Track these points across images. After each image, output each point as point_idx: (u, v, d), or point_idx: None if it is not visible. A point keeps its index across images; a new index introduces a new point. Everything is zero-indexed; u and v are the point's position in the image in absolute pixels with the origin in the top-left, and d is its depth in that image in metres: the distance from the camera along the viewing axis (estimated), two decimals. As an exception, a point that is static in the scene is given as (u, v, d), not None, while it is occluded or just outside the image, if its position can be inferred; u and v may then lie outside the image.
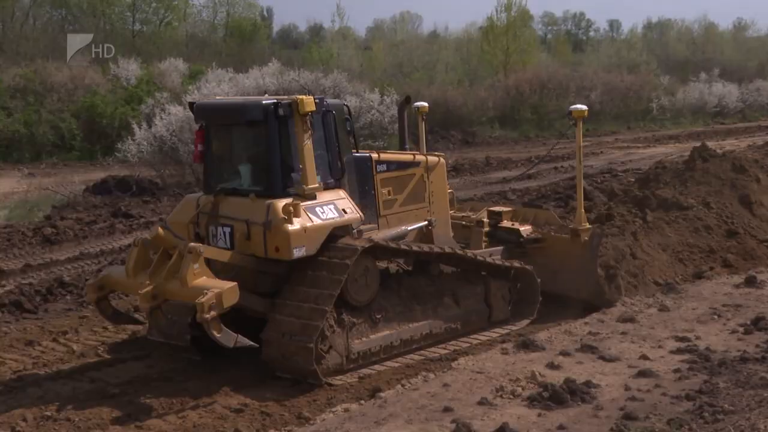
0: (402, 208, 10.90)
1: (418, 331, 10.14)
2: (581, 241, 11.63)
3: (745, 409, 7.32)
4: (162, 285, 8.87)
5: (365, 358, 9.58)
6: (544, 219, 12.76)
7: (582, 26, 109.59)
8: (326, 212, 9.49)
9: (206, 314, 8.34)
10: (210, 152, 10.14)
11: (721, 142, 32.11)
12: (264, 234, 9.16)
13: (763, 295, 11.64)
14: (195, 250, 8.78)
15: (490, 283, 10.96)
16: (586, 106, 12.14)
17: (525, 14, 49.68)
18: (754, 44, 71.34)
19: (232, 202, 9.65)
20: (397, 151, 11.81)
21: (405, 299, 10.13)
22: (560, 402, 8.03)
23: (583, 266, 11.53)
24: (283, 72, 27.31)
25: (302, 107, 9.31)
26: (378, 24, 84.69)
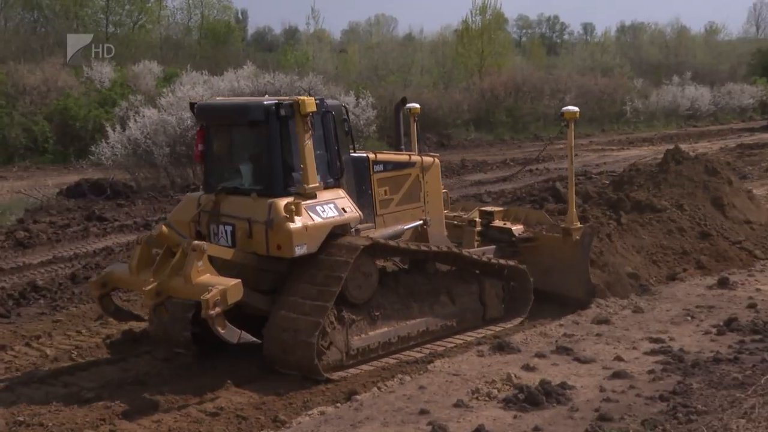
0: (398, 208, 11.13)
1: (415, 328, 10.32)
2: (573, 240, 11.82)
3: (718, 409, 7.39)
4: (166, 282, 8.97)
5: (364, 355, 9.74)
6: (536, 218, 13.00)
7: (556, 29, 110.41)
8: (326, 211, 9.69)
9: (211, 310, 8.47)
10: (211, 152, 10.32)
11: (693, 144, 32.43)
12: (266, 232, 9.33)
13: (736, 297, 11.75)
14: (199, 248, 8.94)
15: (484, 281, 11.14)
16: (577, 108, 12.34)
17: (499, 17, 49.91)
18: (725, 48, 72.10)
19: (233, 200, 9.82)
20: (393, 152, 11.99)
21: (402, 297, 10.30)
22: (535, 404, 8.05)
23: (574, 265, 11.72)
24: (258, 75, 27.24)
25: (303, 108, 9.50)
26: (353, 27, 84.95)
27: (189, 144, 23.28)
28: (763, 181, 23.71)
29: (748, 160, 27.78)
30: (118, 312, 10.17)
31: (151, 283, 8.92)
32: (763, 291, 11.99)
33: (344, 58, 53.39)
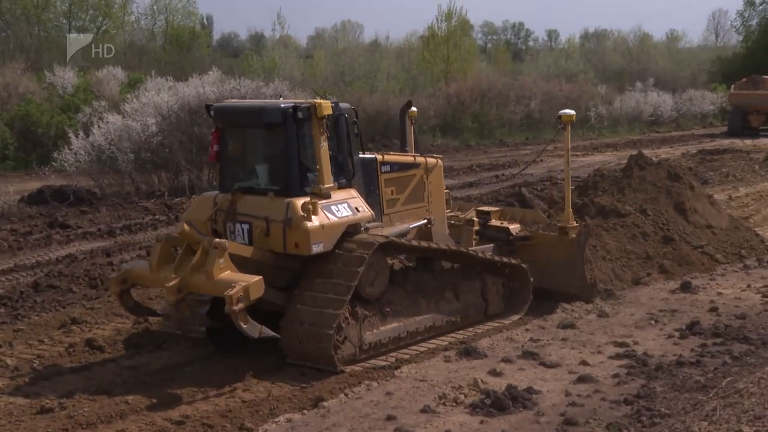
0: (404, 207, 11.54)
1: (423, 323, 10.71)
2: (569, 239, 12.24)
3: (681, 412, 7.46)
4: (187, 279, 9.30)
5: (375, 349, 10.11)
6: (532, 218, 13.54)
7: (521, 36, 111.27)
8: (341, 210, 10.09)
9: (234, 306, 8.81)
10: (226, 153, 10.66)
11: (656, 150, 32.79)
12: (283, 231, 9.69)
13: (698, 300, 11.89)
14: (221, 246, 9.26)
15: (486, 278, 11.58)
16: (574, 111, 12.88)
17: (465, 24, 50.14)
18: (686, 55, 73.14)
19: (249, 200, 10.14)
20: (399, 153, 12.37)
21: (411, 294, 10.68)
22: (502, 409, 8.08)
23: (570, 262, 12.16)
24: (224, 80, 27.04)
25: (320, 111, 9.90)
26: (319, 33, 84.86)
27: (154, 150, 23.14)
28: (723, 186, 24.04)
29: (709, 165, 28.14)
30: (136, 308, 10.47)
31: (173, 280, 9.25)
32: (724, 295, 12.15)
33: (310, 63, 53.37)
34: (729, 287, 12.56)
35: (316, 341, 9.49)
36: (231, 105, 11.24)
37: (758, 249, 15.32)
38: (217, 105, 10.88)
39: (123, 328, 11.21)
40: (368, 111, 34.29)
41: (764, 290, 12.31)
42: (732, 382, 8.02)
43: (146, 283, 10.53)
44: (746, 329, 10.48)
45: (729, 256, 14.70)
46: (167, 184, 23.68)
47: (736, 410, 6.62)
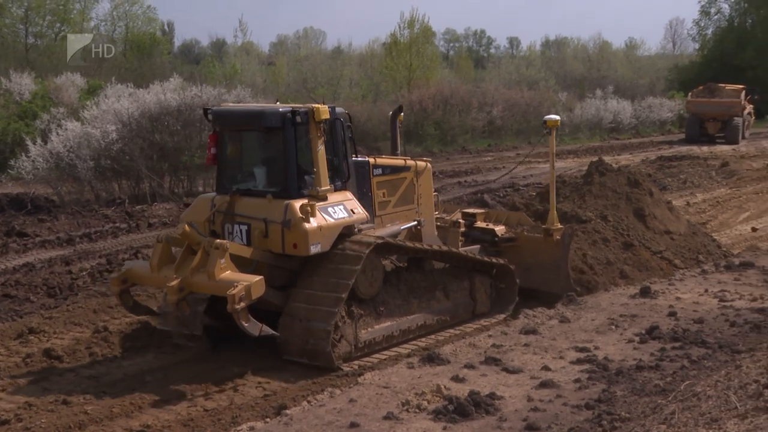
0: (395, 209, 11.89)
1: (415, 322, 11.12)
2: (554, 240, 12.75)
3: (641, 415, 7.52)
4: (188, 278, 9.58)
5: (370, 347, 10.48)
6: (516, 219, 13.91)
7: (483, 43, 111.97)
8: (337, 212, 10.45)
9: (236, 305, 9.10)
10: (224, 155, 10.95)
11: (616, 157, 33.13)
12: (282, 232, 10.00)
13: (657, 305, 12.01)
14: (222, 246, 9.56)
15: (475, 278, 12.04)
16: (558, 117, 13.46)
17: (427, 31, 50.24)
18: (645, 63, 74.03)
19: (247, 202, 10.45)
20: (391, 156, 12.61)
21: (403, 293, 11.09)
22: (465, 415, 8.10)
23: (554, 263, 12.68)
24: (186, 87, 26.84)
25: (318, 115, 10.30)
26: (281, 39, 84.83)
27: (114, 157, 22.89)
28: (681, 192, 24.38)
29: (668, 172, 28.51)
30: (135, 306, 10.76)
31: (174, 280, 9.53)
32: (682, 299, 12.29)
33: (272, 70, 53.25)
34: (687, 292, 12.71)
35: (314, 338, 9.78)
36: (230, 109, 11.45)
37: (715, 254, 15.55)
38: (215, 109, 11.09)
39: (82, 337, 11.07)
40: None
41: (721, 295, 12.48)
42: (690, 385, 8.10)
43: (146, 282, 10.72)
44: (704, 333, 10.61)
45: (687, 262, 14.89)
46: (128, 192, 23.44)
47: (694, 413, 6.69)
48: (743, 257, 15.06)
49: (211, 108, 11.12)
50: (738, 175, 27.76)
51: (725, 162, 30.06)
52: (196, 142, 24.27)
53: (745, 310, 11.66)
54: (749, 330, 10.72)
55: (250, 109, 11.65)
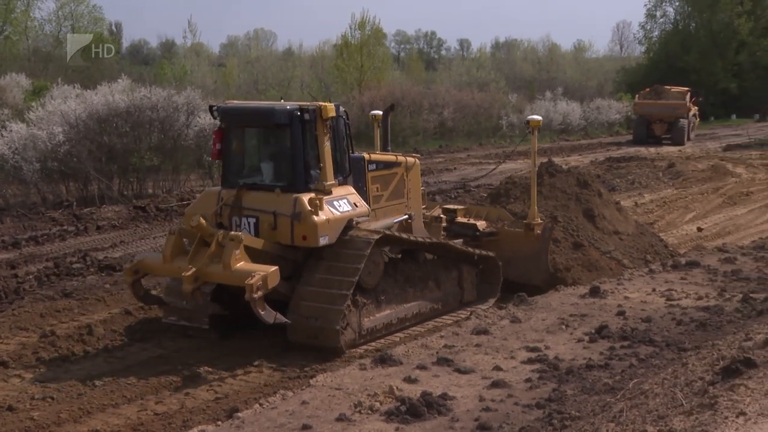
0: (387, 203, 12.39)
1: (410, 310, 11.78)
2: (534, 234, 13.43)
3: (590, 414, 7.58)
4: (203, 269, 10.08)
5: (371, 335, 11.04)
6: (496, 215, 14.51)
7: (434, 45, 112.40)
8: (342, 205, 10.97)
9: (254, 294, 9.60)
10: (229, 151, 11.31)
11: (566, 158, 33.47)
12: (291, 224, 10.49)
13: (606, 305, 12.15)
14: (236, 238, 10.07)
15: (462, 268, 12.69)
16: (540, 117, 14.11)
17: (378, 32, 50.31)
18: (593, 65, 74.98)
19: (255, 195, 10.89)
20: (383, 152, 13.18)
21: (400, 283, 11.67)
22: (417, 415, 8.10)
23: (535, 256, 13.35)
24: (134, 89, 26.51)
25: (325, 113, 10.85)
26: (232, 41, 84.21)
27: (61, 159, 22.52)
28: (629, 193, 24.72)
29: (616, 172, 28.89)
30: (146, 296, 11.28)
31: (189, 270, 9.97)
32: (631, 299, 12.45)
33: (223, 72, 52.78)
34: (635, 291, 12.88)
35: (325, 320, 10.32)
36: (238, 106, 11.87)
37: (662, 254, 15.78)
38: (222, 106, 11.51)
39: (28, 342, 10.89)
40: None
41: (668, 294, 12.66)
42: (638, 383, 8.19)
43: (159, 273, 11.19)
44: (651, 332, 10.75)
45: (635, 261, 15.09)
46: (76, 194, 23.09)
47: (642, 411, 6.76)
48: (689, 257, 15.30)
49: (217, 105, 11.52)
50: (684, 175, 28.24)
51: (672, 163, 30.57)
52: (145, 143, 24.01)
53: (691, 308, 11.84)
54: (695, 328, 10.89)
55: (259, 106, 12.04)
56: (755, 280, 13.54)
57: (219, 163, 12.19)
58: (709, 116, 55.34)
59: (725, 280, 13.58)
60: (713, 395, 6.15)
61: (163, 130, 24.43)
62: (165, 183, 24.74)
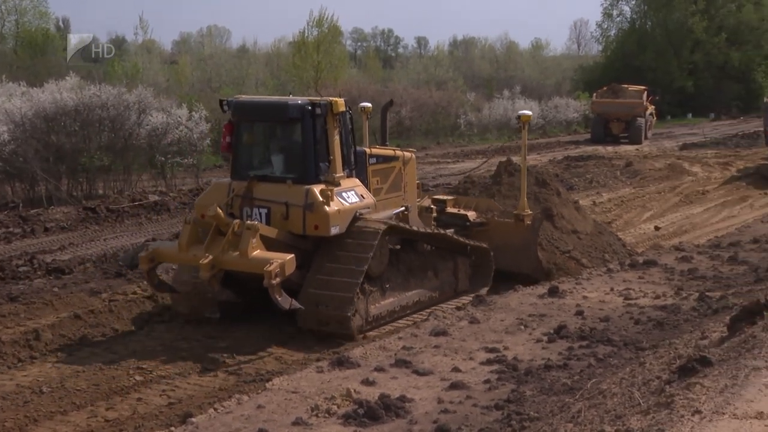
0: (386, 196, 12.82)
1: (411, 299, 12.30)
2: (524, 225, 13.92)
3: (549, 414, 7.53)
4: (219, 257, 10.51)
5: (376, 321, 11.54)
6: (486, 206, 14.96)
7: (391, 43, 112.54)
8: (350, 197, 11.49)
9: (273, 280, 10.11)
10: (240, 144, 11.80)
11: (524, 156, 33.54)
12: (303, 214, 10.97)
13: (565, 304, 12.14)
14: (253, 227, 10.54)
15: (457, 258, 13.22)
16: (531, 112, 15.04)
17: (335, 30, 50.15)
18: (551, 63, 75.48)
19: (266, 187, 11.35)
20: (383, 147, 13.60)
21: (402, 272, 12.19)
22: (375, 418, 8.00)
23: (524, 246, 13.81)
24: (83, 86, 26.01)
25: (336, 108, 11.44)
26: (184, 38, 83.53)
27: (6, 159, 22.03)
28: (588, 192, 24.88)
29: (574, 171, 29.07)
30: (160, 284, 11.58)
31: (206, 258, 10.40)
32: (589, 298, 12.46)
33: (175, 69, 52.14)
34: (594, 291, 12.89)
35: (337, 306, 10.82)
36: (250, 100, 12.43)
37: (620, 253, 15.85)
38: (234, 100, 11.94)
39: (-27, 347, 10.57)
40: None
41: (626, 293, 12.69)
42: (596, 383, 8.17)
43: (174, 260, 11.61)
44: (610, 331, 10.75)
45: (594, 261, 15.13)
46: (22, 195, 22.56)
47: (600, 411, 6.72)
48: (647, 256, 15.39)
49: (228, 99, 11.96)
50: (641, 174, 28.51)
51: (629, 162, 30.84)
52: (95, 143, 23.58)
53: (649, 307, 11.88)
54: (652, 327, 10.92)
55: (272, 101, 12.60)
56: (711, 278, 13.65)
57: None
58: (665, 115, 56.03)
59: (682, 278, 13.68)
60: (670, 394, 6.13)
61: (114, 129, 24.01)
62: (116, 183, 24.31)
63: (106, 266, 14.85)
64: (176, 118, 25.47)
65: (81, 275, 14.34)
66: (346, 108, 11.63)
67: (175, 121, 25.40)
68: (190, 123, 25.84)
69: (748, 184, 27.02)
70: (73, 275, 14.28)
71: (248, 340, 11.21)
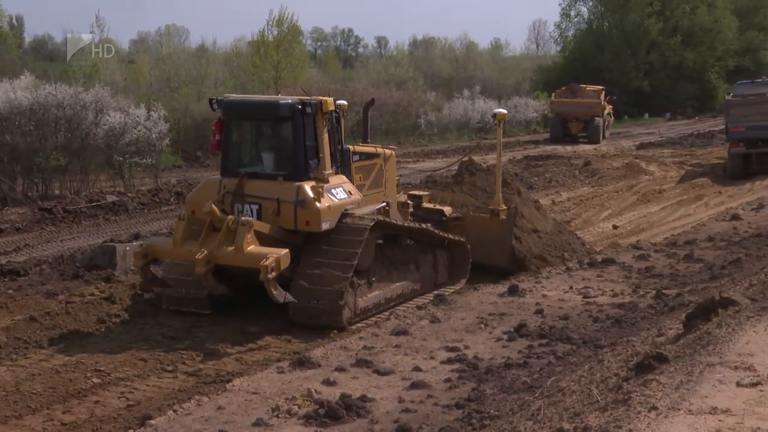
0: (368, 192, 13.06)
1: (395, 291, 12.68)
2: (499, 219, 14.37)
3: (509, 413, 7.57)
4: (214, 252, 10.78)
5: (363, 314, 11.88)
6: (461, 201, 15.37)
7: (351, 42, 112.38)
8: (339, 193, 11.80)
9: (269, 275, 10.38)
10: (229, 142, 12.12)
11: (485, 156, 33.72)
12: (295, 210, 11.29)
13: (525, 303, 12.21)
14: (248, 223, 10.86)
15: (437, 252, 13.59)
16: (505, 111, 16.10)
17: (295, 29, 49.90)
18: (510, 63, 75.88)
19: (257, 183, 11.67)
20: (365, 144, 13.94)
21: (387, 266, 12.52)
22: (336, 418, 7.99)
23: (499, 239, 14.26)
24: (39, 86, 25.59)
25: (326, 107, 11.83)
26: (142, 37, 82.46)
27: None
28: (547, 191, 25.07)
29: (534, 171, 29.29)
30: (153, 280, 11.79)
31: (202, 253, 10.67)
32: (548, 297, 12.55)
33: (133, 68, 51.48)
34: (553, 289, 12.99)
35: (328, 300, 11.15)
36: (241, 99, 12.94)
37: (579, 252, 16.00)
38: (225, 99, 12.26)
39: None
40: (196, 118, 33.46)
41: (585, 291, 12.81)
42: (556, 381, 8.23)
43: (168, 256, 11.74)
44: (569, 330, 10.84)
45: (554, 259, 15.23)
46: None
47: (559, 408, 6.77)
48: (605, 254, 15.53)
49: (218, 98, 12.28)
50: (599, 174, 28.79)
51: (587, 161, 31.13)
52: (51, 143, 23.25)
53: (607, 305, 12.00)
54: (611, 325, 11.03)
55: (263, 100, 13.23)
56: (667, 276, 13.83)
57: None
58: (623, 115, 56.62)
59: (639, 276, 13.84)
60: (627, 391, 6.19)
61: (70, 128, 23.73)
62: (73, 184, 23.98)
63: (63, 268, 14.65)
64: (134, 118, 25.21)
65: (37, 277, 14.14)
66: (334, 107, 11.97)
67: (134, 121, 25.15)
68: (149, 123, 25.59)
69: (704, 183, 27.45)
70: (28, 277, 14.07)
71: (208, 340, 11.12)
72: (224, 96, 12.68)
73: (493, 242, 14.29)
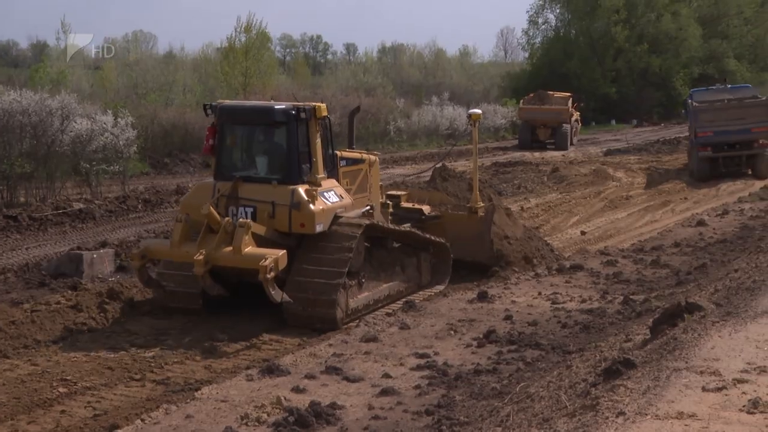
0: (354, 196, 13.18)
1: (383, 293, 12.93)
2: (477, 217, 14.68)
3: (479, 419, 7.59)
4: (212, 253, 10.99)
5: (354, 314, 12.08)
6: (438, 199, 15.70)
7: (320, 49, 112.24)
8: (331, 197, 12.13)
9: (267, 275, 10.65)
10: (223, 146, 12.38)
11: (454, 162, 33.76)
12: (289, 213, 11.58)
13: (494, 309, 12.26)
14: (246, 225, 11.10)
15: (420, 254, 13.85)
16: (481, 111, 16.45)
17: (264, 36, 49.71)
18: (478, 70, 76.24)
19: (251, 187, 11.92)
20: (351, 150, 14.15)
21: (375, 268, 12.79)
22: (305, 426, 7.97)
23: (479, 236, 14.54)
24: (3, 92, 25.21)
25: (319, 112, 12.13)
26: (109, 43, 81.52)
27: None
28: (516, 197, 25.16)
29: (503, 177, 29.41)
30: (150, 281, 12.07)
31: (199, 254, 10.88)
32: (517, 303, 12.61)
33: (100, 75, 50.98)
34: (522, 295, 13.06)
35: (322, 301, 11.42)
36: (235, 105, 13.40)
37: (548, 258, 16.07)
38: (220, 105, 12.52)
39: None
40: (164, 125, 33.24)
41: (553, 297, 12.89)
42: (525, 387, 8.27)
43: (165, 257, 12.04)
44: (538, 335, 10.90)
45: (522, 265, 15.29)
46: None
47: (528, 414, 6.81)
48: (573, 260, 15.66)
49: (212, 103, 12.56)
50: (567, 180, 28.96)
51: (556, 168, 31.30)
52: (16, 150, 22.94)
53: (576, 311, 12.08)
54: (579, 330, 11.11)
55: (257, 105, 13.53)
56: (635, 282, 13.96)
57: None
58: (590, 121, 57.00)
59: (607, 282, 13.96)
60: (595, 396, 6.25)
61: (36, 135, 23.39)
62: (39, 191, 23.64)
63: (29, 276, 14.48)
64: (101, 125, 24.94)
65: (2, 285, 13.96)
66: (327, 113, 12.28)
67: (100, 128, 24.86)
68: (116, 129, 25.33)
69: (670, 189, 27.74)
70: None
71: (177, 348, 11.02)
72: (218, 101, 12.85)
73: (473, 239, 14.56)
